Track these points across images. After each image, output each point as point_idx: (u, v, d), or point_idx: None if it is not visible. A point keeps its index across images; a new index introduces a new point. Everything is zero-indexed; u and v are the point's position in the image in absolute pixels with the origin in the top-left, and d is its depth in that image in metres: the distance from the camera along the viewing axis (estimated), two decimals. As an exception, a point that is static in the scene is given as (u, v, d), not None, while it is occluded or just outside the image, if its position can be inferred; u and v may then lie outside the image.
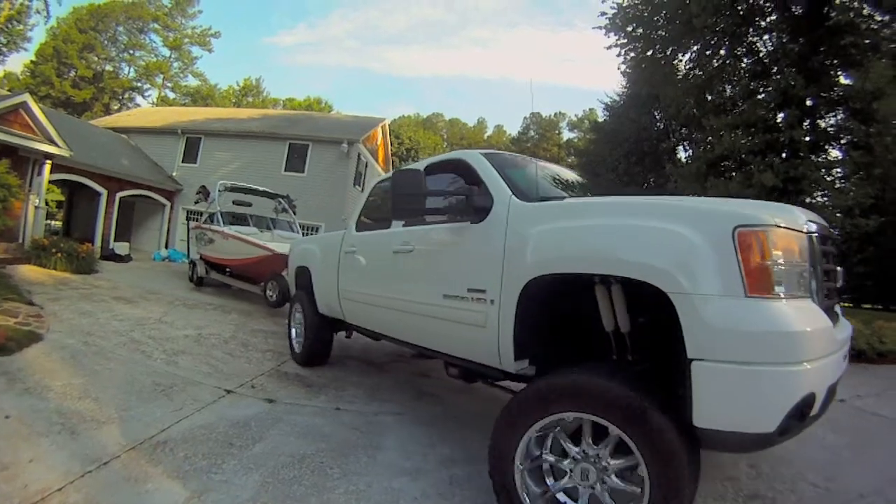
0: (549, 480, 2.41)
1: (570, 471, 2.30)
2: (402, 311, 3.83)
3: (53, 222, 22.09)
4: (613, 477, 2.17)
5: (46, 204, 14.57)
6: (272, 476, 3.06)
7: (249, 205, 13.51)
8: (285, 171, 19.82)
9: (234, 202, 13.28)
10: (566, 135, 65.24)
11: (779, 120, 13.65)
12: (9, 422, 3.34)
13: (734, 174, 14.12)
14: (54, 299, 7.56)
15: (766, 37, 14.82)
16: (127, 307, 8.09)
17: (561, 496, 2.33)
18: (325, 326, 5.70)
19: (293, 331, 6.32)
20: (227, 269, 11.86)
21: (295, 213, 14.11)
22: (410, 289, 3.75)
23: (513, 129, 73.06)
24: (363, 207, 5.22)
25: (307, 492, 2.92)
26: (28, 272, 9.81)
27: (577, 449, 2.28)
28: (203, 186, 13.57)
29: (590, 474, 2.23)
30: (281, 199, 13.94)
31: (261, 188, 13.77)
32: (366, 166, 22.60)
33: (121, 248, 16.18)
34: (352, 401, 4.84)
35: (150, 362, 5.28)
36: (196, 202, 13.82)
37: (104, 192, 16.57)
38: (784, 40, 13.77)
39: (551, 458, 2.38)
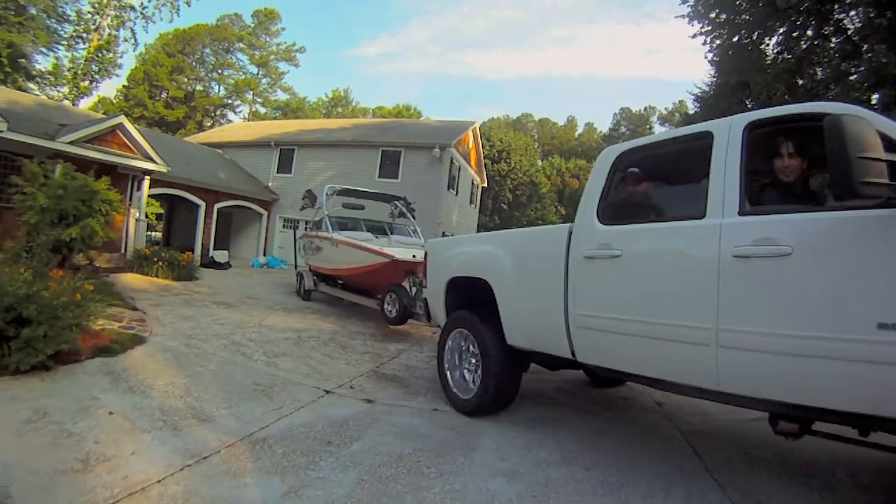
0: None
1: None
2: (766, 352, 2.54)
3: (154, 234, 24.11)
4: None
5: (147, 217, 15.81)
6: (369, 474, 3.10)
7: (362, 208, 12.54)
8: (379, 177, 20.31)
9: (343, 206, 12.32)
10: (657, 129, 64.56)
11: (874, 101, 12.73)
12: (112, 418, 3.54)
13: (832, 162, 13.28)
14: (156, 305, 8.14)
15: (852, 13, 13.94)
16: (227, 311, 8.57)
17: None
18: (517, 362, 4.37)
19: (446, 368, 4.92)
20: (339, 281, 11.14)
21: (415, 217, 13.06)
22: (791, 316, 2.49)
23: (603, 126, 72.97)
24: (606, 187, 3.68)
25: (403, 490, 2.94)
26: (131, 280, 10.71)
27: None
28: (309, 191, 12.85)
29: None
30: (397, 203, 12.98)
31: (373, 191, 13.32)
32: (459, 170, 22.86)
33: (220, 255, 17.28)
34: (450, 402, 4.81)
35: (250, 363, 5.51)
36: (302, 208, 13.03)
37: (202, 203, 17.83)
38: (871, 15, 12.85)
39: None
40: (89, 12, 32.80)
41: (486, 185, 32.27)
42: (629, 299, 3.24)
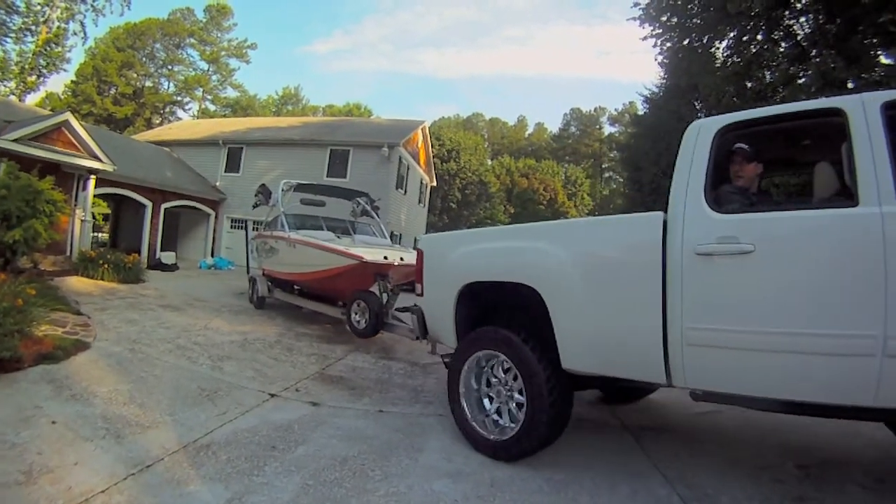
0: None
1: None
2: None
3: (100, 235, 23.22)
4: None
5: (93, 217, 15.24)
6: (313, 478, 3.11)
7: (322, 205, 11.12)
8: (327, 176, 20.17)
9: (302, 202, 10.94)
10: (607, 129, 66.79)
11: None
12: (55, 427, 3.47)
13: (777, 163, 13.89)
14: (101, 309, 7.87)
15: (802, 19, 14.46)
16: (173, 315, 8.37)
17: None
18: (569, 389, 3.51)
19: (465, 402, 3.89)
20: (296, 286, 9.98)
21: (378, 216, 11.97)
22: None
23: (553, 126, 74.00)
24: (709, 167, 2.95)
25: (347, 494, 2.96)
26: (76, 283, 10.27)
27: None
28: (263, 185, 11.36)
29: None
30: (360, 200, 11.62)
31: (334, 185, 12.63)
32: (407, 169, 22.96)
33: (167, 257, 16.79)
34: (395, 403, 4.88)
35: (195, 368, 5.44)
36: (255, 206, 11.58)
37: (149, 203, 17.26)
38: (820, 21, 13.42)
39: None
40: (39, 3, 31.08)
41: (435, 184, 32.43)
42: (767, 306, 2.60)
